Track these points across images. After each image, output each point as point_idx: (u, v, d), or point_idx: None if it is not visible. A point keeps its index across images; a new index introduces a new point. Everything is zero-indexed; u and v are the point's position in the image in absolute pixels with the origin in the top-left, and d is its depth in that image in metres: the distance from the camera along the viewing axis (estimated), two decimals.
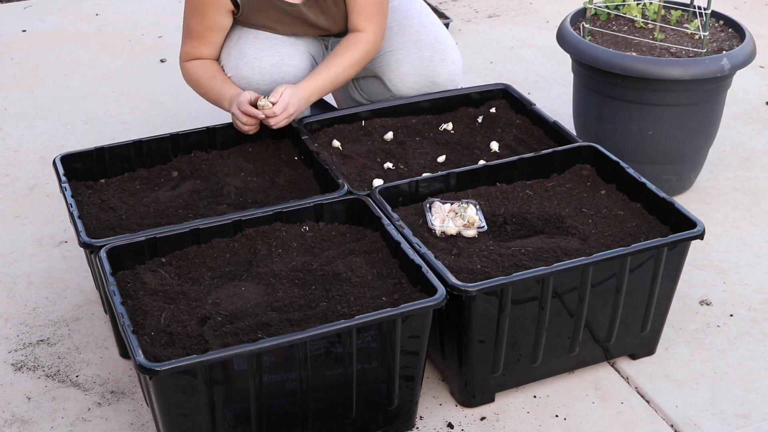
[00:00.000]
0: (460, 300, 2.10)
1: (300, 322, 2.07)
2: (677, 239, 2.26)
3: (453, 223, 2.36)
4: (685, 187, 3.07)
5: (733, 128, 3.46)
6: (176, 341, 2.02)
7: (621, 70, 2.80)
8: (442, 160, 2.68)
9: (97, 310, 2.63)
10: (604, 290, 2.25)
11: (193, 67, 2.80)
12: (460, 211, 2.38)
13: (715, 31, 3.04)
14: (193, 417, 1.98)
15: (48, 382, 2.40)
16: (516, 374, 2.29)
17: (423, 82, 2.88)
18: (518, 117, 2.87)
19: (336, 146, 2.73)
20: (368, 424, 2.17)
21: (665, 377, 2.38)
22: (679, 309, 2.58)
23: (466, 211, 2.38)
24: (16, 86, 3.89)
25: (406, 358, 2.10)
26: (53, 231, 2.97)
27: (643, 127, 2.89)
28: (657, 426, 2.25)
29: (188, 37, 2.79)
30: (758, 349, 2.47)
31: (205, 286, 2.21)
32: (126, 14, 4.53)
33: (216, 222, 2.32)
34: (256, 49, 2.77)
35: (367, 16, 2.77)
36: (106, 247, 2.21)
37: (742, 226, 2.95)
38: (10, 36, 4.33)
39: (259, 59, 2.77)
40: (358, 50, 2.77)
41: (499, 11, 4.54)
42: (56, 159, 2.59)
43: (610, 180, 2.55)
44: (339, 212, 2.40)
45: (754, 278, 2.72)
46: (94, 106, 3.71)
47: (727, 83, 2.92)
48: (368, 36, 2.78)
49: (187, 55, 2.81)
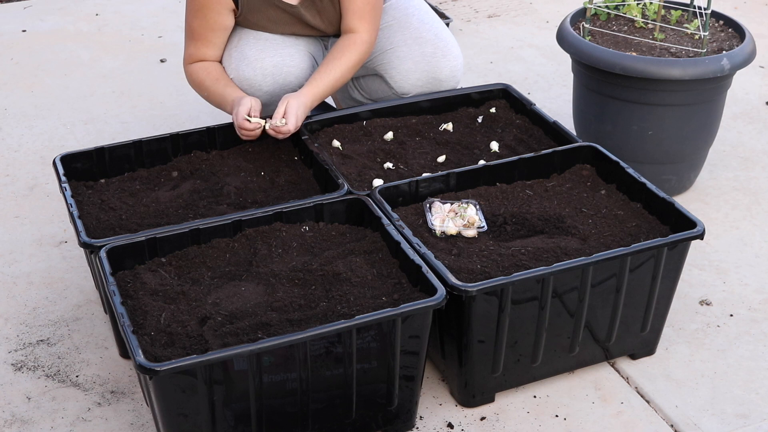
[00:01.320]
0: (460, 300, 2.10)
1: (300, 322, 2.07)
2: (677, 239, 2.26)
3: (453, 223, 2.36)
4: (685, 187, 3.07)
5: (733, 128, 3.46)
6: (176, 341, 2.02)
7: (621, 70, 2.80)
8: (442, 160, 2.68)
9: (97, 310, 2.63)
10: (604, 290, 2.25)
11: (196, 71, 2.79)
12: (460, 211, 2.38)
13: (715, 31, 3.04)
14: (193, 417, 1.98)
15: (48, 382, 2.40)
16: (516, 374, 2.29)
17: (425, 79, 2.88)
18: (518, 117, 2.87)
19: (336, 146, 2.73)
20: (368, 424, 2.17)
21: (665, 377, 2.38)
22: (679, 309, 2.58)
23: (466, 211, 2.38)
24: (16, 86, 3.89)
25: (406, 358, 2.10)
26: (53, 231, 2.97)
27: (643, 127, 2.89)
28: (657, 426, 2.25)
29: (191, 38, 2.78)
30: (758, 349, 2.47)
31: (205, 286, 2.21)
32: (126, 14, 4.53)
33: (216, 222, 2.32)
34: (257, 50, 2.77)
35: (362, 16, 2.77)
36: (106, 247, 2.21)
37: (742, 226, 2.95)
38: (10, 36, 4.33)
39: (261, 60, 2.77)
40: (355, 52, 2.77)
41: (499, 11, 4.54)
42: (56, 159, 2.59)
43: (610, 180, 2.55)
44: (339, 212, 2.40)
45: (754, 278, 2.72)
46: (94, 106, 3.71)
47: (727, 83, 2.92)
48: (363, 36, 2.77)
49: (191, 57, 2.80)
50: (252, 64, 2.76)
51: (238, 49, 2.79)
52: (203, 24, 2.74)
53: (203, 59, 2.80)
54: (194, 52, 2.79)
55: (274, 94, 2.82)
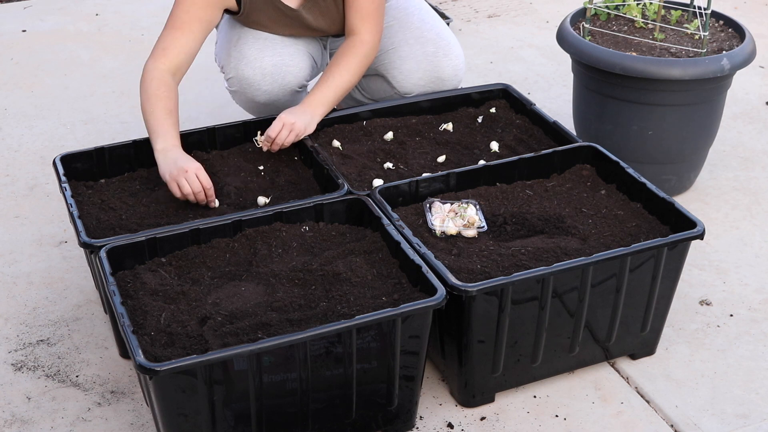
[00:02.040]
0: (460, 300, 2.10)
1: (300, 322, 2.07)
2: (677, 239, 2.26)
3: (453, 223, 2.36)
4: (685, 187, 3.07)
5: (733, 128, 3.46)
6: (176, 341, 2.02)
7: (621, 70, 2.80)
8: (442, 160, 2.68)
9: (97, 310, 2.63)
10: (604, 290, 2.25)
11: (158, 80, 2.62)
12: (460, 211, 2.38)
13: (715, 31, 3.04)
14: (193, 417, 1.98)
15: (48, 382, 2.40)
16: (516, 374, 2.29)
17: (427, 78, 2.88)
18: (518, 117, 2.87)
19: (336, 146, 2.73)
20: (368, 424, 2.17)
21: (665, 377, 2.38)
22: (679, 309, 2.58)
23: (466, 211, 2.38)
24: (16, 86, 3.89)
25: (406, 358, 2.10)
26: (53, 231, 2.97)
27: (643, 127, 2.89)
28: (657, 426, 2.25)
29: (170, 27, 2.68)
30: (758, 349, 2.47)
31: (205, 286, 2.21)
32: (126, 14, 4.53)
33: (216, 222, 2.32)
34: (256, 49, 2.77)
35: (365, 17, 2.76)
36: (106, 247, 2.21)
37: (742, 226, 2.94)
38: (10, 36, 4.33)
39: (260, 60, 2.76)
40: (359, 56, 2.75)
41: (499, 11, 4.54)
42: (56, 159, 2.59)
43: (610, 180, 2.55)
44: (339, 212, 2.40)
45: (754, 278, 2.72)
46: (94, 106, 3.71)
47: (727, 83, 2.92)
48: (365, 38, 2.77)
49: (163, 50, 2.66)
50: (251, 64, 2.76)
51: (237, 48, 2.78)
52: (190, 11, 2.66)
53: (172, 52, 2.65)
54: (168, 43, 2.66)
55: (273, 94, 2.82)
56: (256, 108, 2.90)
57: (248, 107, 2.94)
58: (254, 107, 2.91)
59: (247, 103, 2.90)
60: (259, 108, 2.90)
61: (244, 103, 2.92)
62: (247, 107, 2.94)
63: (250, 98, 2.86)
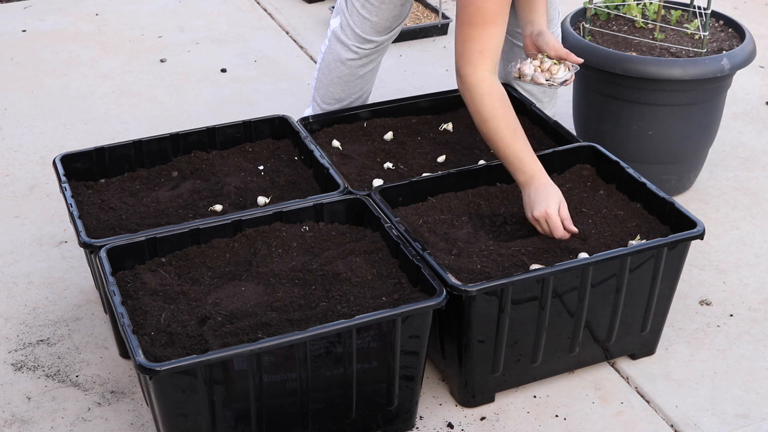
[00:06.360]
0: (460, 300, 2.10)
1: (300, 322, 2.07)
2: (677, 239, 2.26)
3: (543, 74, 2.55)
4: (685, 187, 3.07)
5: (733, 128, 3.46)
6: (176, 341, 2.02)
7: (621, 70, 2.80)
8: (442, 160, 2.68)
9: (97, 310, 2.63)
10: (604, 290, 2.25)
11: (486, 93, 2.34)
12: (546, 66, 2.53)
13: (715, 31, 3.04)
14: (193, 417, 1.98)
15: (48, 382, 2.40)
16: (516, 374, 2.29)
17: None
18: (518, 117, 2.86)
19: (336, 146, 2.73)
20: (368, 424, 2.17)
21: (665, 377, 2.38)
22: (679, 309, 2.58)
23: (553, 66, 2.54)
24: (16, 86, 3.89)
25: (406, 358, 2.10)
26: (53, 231, 2.97)
27: (643, 127, 2.89)
28: (657, 426, 2.25)
29: (481, 23, 2.31)
30: (758, 349, 2.47)
31: (205, 286, 2.21)
32: (126, 14, 4.53)
33: (216, 222, 2.32)
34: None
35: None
36: (106, 247, 2.21)
37: (742, 226, 2.94)
38: (10, 36, 4.33)
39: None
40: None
41: None
42: (56, 159, 2.59)
43: (610, 180, 2.55)
44: (339, 212, 2.40)
45: (754, 278, 2.72)
46: (94, 106, 3.71)
47: (727, 83, 2.92)
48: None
49: (480, 53, 2.31)
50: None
51: None
52: (503, 2, 2.31)
53: (489, 52, 2.34)
54: (486, 44, 2.31)
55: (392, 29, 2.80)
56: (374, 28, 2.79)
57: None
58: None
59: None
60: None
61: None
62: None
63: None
